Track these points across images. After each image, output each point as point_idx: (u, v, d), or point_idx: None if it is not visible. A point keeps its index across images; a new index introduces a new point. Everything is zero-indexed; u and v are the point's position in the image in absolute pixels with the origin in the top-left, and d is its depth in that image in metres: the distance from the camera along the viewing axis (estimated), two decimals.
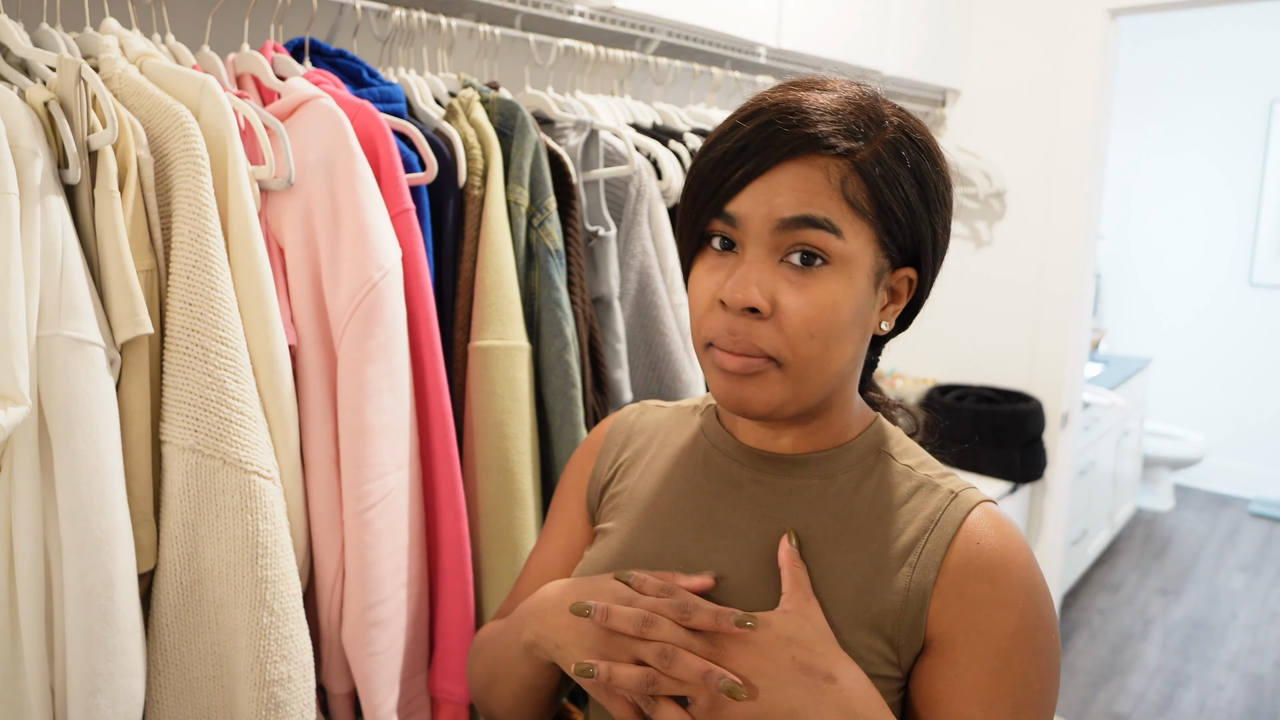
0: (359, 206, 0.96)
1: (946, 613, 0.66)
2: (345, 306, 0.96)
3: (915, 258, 0.68)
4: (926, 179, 0.66)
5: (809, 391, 0.67)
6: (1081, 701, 2.87)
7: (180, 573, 0.85)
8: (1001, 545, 0.67)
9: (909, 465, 0.73)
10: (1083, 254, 2.51)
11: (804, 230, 0.63)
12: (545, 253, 1.18)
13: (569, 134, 1.33)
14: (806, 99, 0.65)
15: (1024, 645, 0.65)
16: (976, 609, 0.65)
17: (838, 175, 0.63)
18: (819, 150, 0.63)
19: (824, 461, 0.73)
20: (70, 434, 0.77)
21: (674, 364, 1.38)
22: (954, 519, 0.68)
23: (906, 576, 0.67)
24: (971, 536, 0.67)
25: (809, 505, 0.72)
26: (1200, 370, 4.73)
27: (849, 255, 0.64)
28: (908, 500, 0.70)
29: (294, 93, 1.00)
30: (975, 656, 0.64)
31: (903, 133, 0.66)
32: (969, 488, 0.71)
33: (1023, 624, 0.65)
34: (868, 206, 0.64)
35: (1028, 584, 0.66)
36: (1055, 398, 2.57)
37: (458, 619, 1.10)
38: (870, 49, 2.14)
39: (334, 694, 1.07)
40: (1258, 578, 3.77)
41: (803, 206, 0.63)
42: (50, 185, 0.80)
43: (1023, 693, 0.64)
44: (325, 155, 0.96)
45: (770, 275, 0.65)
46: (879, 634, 0.67)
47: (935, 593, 0.66)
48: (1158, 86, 4.69)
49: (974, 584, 0.66)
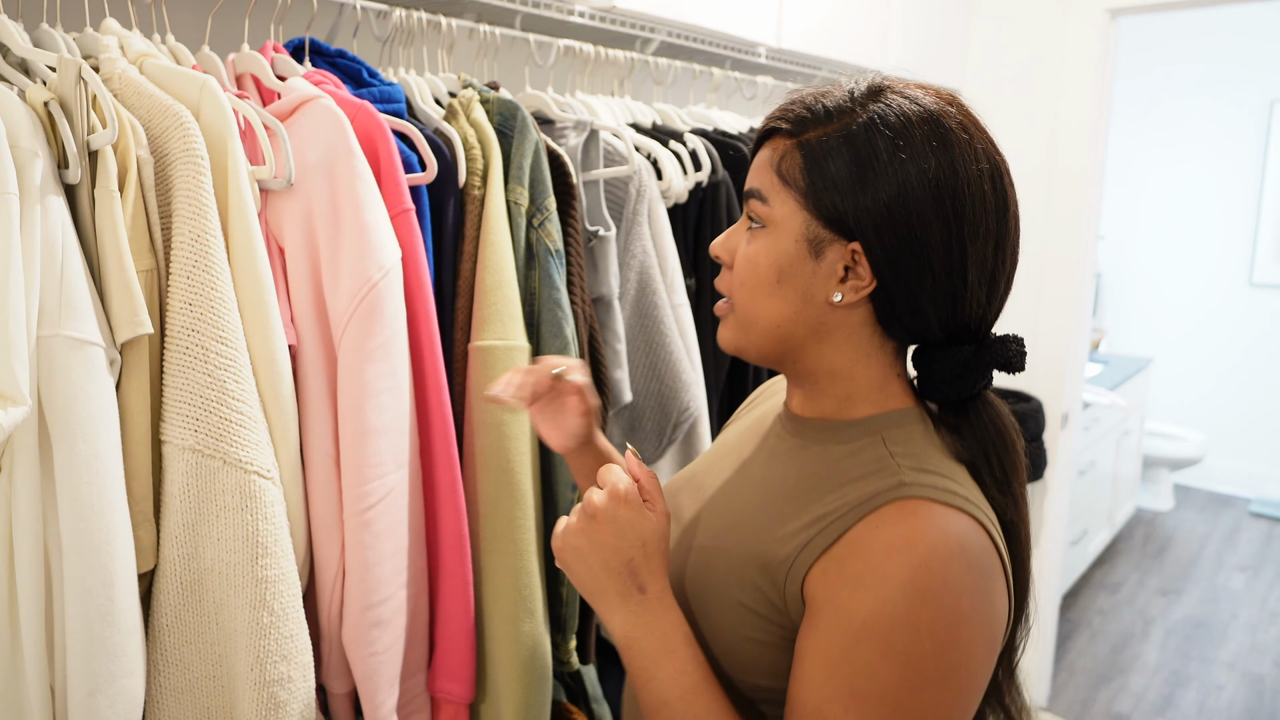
0: (359, 206, 0.96)
1: (825, 580, 0.69)
2: (345, 306, 0.96)
3: (851, 232, 0.72)
4: (871, 160, 0.70)
5: (755, 336, 0.78)
6: (1081, 701, 2.87)
7: (180, 573, 0.85)
8: (897, 536, 0.67)
9: (891, 452, 0.74)
10: (1083, 254, 2.51)
11: (749, 200, 0.78)
12: (545, 253, 1.18)
13: (569, 134, 1.33)
14: (801, 94, 0.77)
15: (875, 636, 0.65)
16: (844, 584, 0.67)
17: (779, 153, 0.75)
18: (778, 134, 0.76)
19: (824, 430, 0.80)
20: (70, 434, 0.77)
21: (674, 364, 1.38)
22: (879, 501, 0.69)
23: (809, 536, 0.71)
24: (877, 520, 0.69)
25: (794, 463, 0.80)
26: (1200, 370, 4.73)
27: (775, 219, 0.75)
28: (863, 478, 0.73)
29: (294, 93, 1.00)
30: (827, 627, 0.67)
31: (871, 118, 0.72)
32: (932, 487, 0.69)
33: (879, 615, 0.65)
34: (800, 179, 0.73)
35: (906, 580, 0.65)
36: (1055, 398, 2.57)
37: (458, 619, 1.10)
38: (870, 49, 2.14)
39: (334, 694, 1.07)
40: (1258, 578, 3.77)
41: (751, 180, 0.78)
42: (50, 185, 0.80)
43: (865, 681, 0.65)
44: (325, 155, 0.96)
45: (739, 235, 0.79)
46: (767, 575, 0.73)
47: (822, 558, 0.70)
48: (1158, 87, 4.69)
49: (853, 561, 0.68)
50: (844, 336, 0.76)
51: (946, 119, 0.72)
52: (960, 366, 0.75)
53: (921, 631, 0.64)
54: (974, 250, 0.71)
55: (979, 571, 0.67)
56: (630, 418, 1.40)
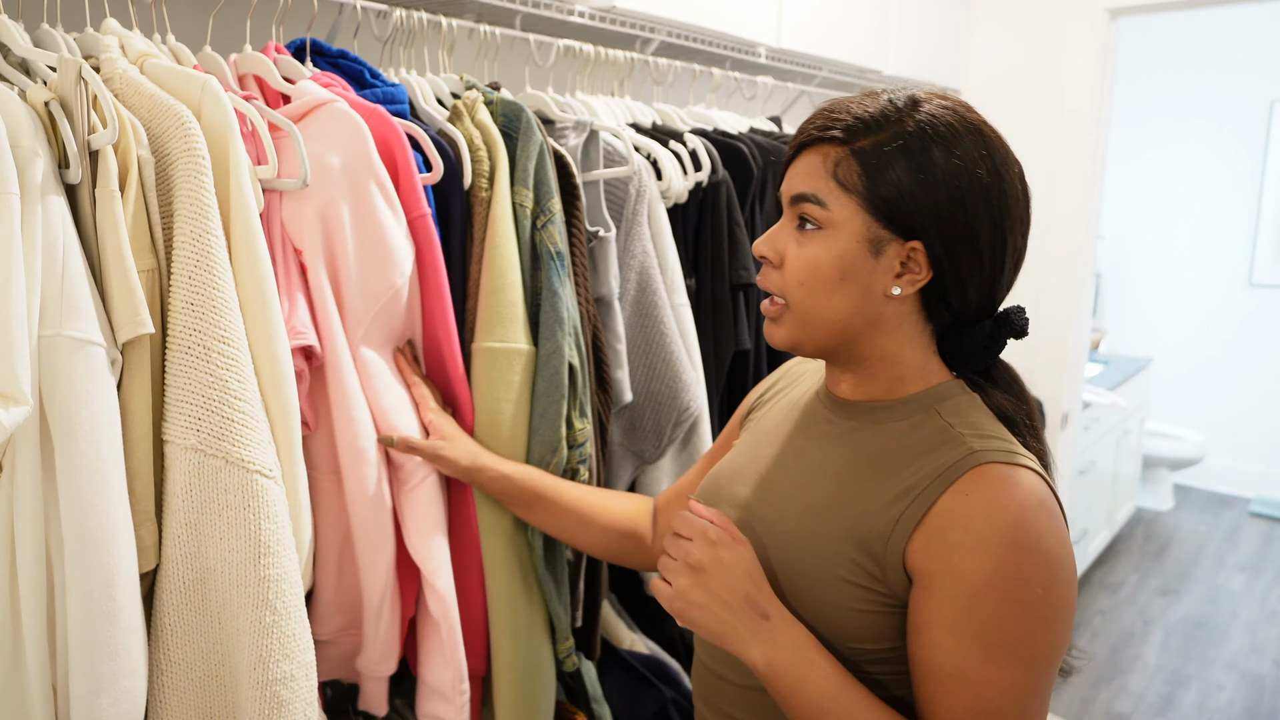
0: (379, 211, 1.00)
1: (929, 550, 0.75)
2: (366, 310, 1.01)
3: (913, 231, 0.79)
4: (930, 167, 0.77)
5: (815, 332, 0.83)
6: (1082, 701, 2.87)
7: (183, 572, 0.85)
8: (990, 500, 0.74)
9: (950, 423, 0.81)
10: (1083, 253, 2.51)
11: (801, 203, 0.82)
12: (550, 254, 1.19)
13: (569, 134, 1.33)
14: (843, 102, 0.82)
15: (994, 591, 0.72)
16: (952, 552, 0.74)
17: (833, 159, 0.80)
18: (826, 141, 0.81)
19: (877, 410, 0.86)
20: (72, 434, 0.78)
21: (674, 364, 1.38)
22: (959, 470, 0.76)
23: (900, 510, 0.78)
24: (964, 488, 0.75)
25: (856, 443, 0.85)
26: (1200, 370, 4.73)
27: (835, 222, 0.80)
28: (933, 450, 0.79)
29: (307, 96, 1.01)
30: (948, 594, 0.74)
31: (921, 128, 0.78)
32: (999, 450, 0.77)
33: (996, 573, 0.72)
34: (860, 184, 0.79)
35: (1009, 538, 0.72)
36: (1055, 398, 2.57)
37: (470, 594, 1.16)
38: (870, 49, 2.14)
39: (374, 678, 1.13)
40: (1258, 578, 3.77)
41: (802, 185, 0.82)
42: (51, 185, 0.80)
43: (994, 632, 0.72)
44: (345, 159, 0.98)
45: (786, 236, 0.84)
46: (864, 550, 0.79)
47: (919, 529, 0.76)
48: (1158, 86, 4.69)
49: (955, 530, 0.74)
50: (895, 325, 0.83)
51: (983, 126, 0.80)
52: (986, 338, 0.84)
53: (1032, 578, 0.72)
54: (1012, 240, 0.81)
55: (1055, 516, 0.76)
56: (630, 418, 1.40)
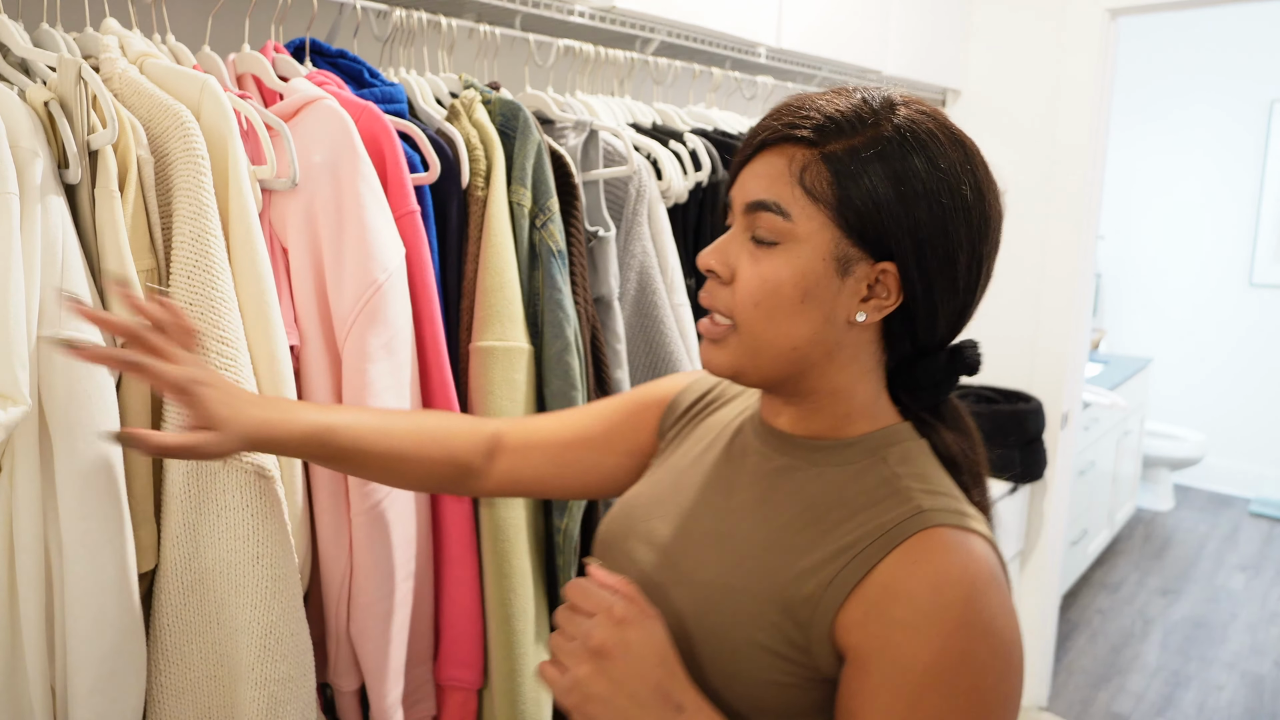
0: (363, 208, 0.97)
1: (866, 626, 0.65)
2: (350, 307, 0.97)
3: (887, 251, 0.68)
4: (909, 178, 0.67)
5: (765, 361, 0.72)
6: (1081, 701, 2.87)
7: (181, 572, 0.85)
8: (939, 572, 0.64)
9: (897, 472, 0.72)
10: (1083, 254, 2.51)
11: (759, 212, 0.69)
12: (548, 253, 1.19)
13: (568, 134, 1.33)
14: (810, 99, 0.70)
15: (940, 681, 0.62)
16: (893, 630, 0.64)
17: (799, 164, 0.68)
18: (791, 141, 0.69)
19: (818, 450, 0.75)
20: (71, 433, 0.78)
21: (674, 364, 1.38)
22: (905, 532, 0.66)
23: (834, 571, 0.67)
24: (909, 554, 0.65)
25: (792, 486, 0.74)
26: (1200, 370, 4.73)
27: (799, 236, 0.68)
28: (876, 504, 0.70)
29: (297, 94, 1.00)
30: (887, 680, 0.63)
31: (900, 133, 0.68)
32: (949, 511, 0.68)
33: (941, 661, 0.62)
34: (829, 194, 0.67)
35: (958, 618, 0.63)
36: (1055, 398, 2.57)
37: (466, 606, 1.13)
38: (870, 49, 2.14)
39: (341, 691, 1.07)
40: (1258, 578, 3.77)
41: (761, 191, 0.69)
42: (50, 185, 0.80)
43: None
44: (330, 156, 0.97)
45: (738, 248, 0.71)
46: (789, 615, 0.68)
47: (854, 597, 0.66)
48: (1158, 87, 4.69)
49: (897, 605, 0.64)
50: (850, 355, 0.73)
51: (965, 139, 0.71)
52: (940, 373, 0.75)
53: (984, 665, 0.63)
54: (987, 265, 0.72)
55: (1005, 592, 0.67)
56: None
